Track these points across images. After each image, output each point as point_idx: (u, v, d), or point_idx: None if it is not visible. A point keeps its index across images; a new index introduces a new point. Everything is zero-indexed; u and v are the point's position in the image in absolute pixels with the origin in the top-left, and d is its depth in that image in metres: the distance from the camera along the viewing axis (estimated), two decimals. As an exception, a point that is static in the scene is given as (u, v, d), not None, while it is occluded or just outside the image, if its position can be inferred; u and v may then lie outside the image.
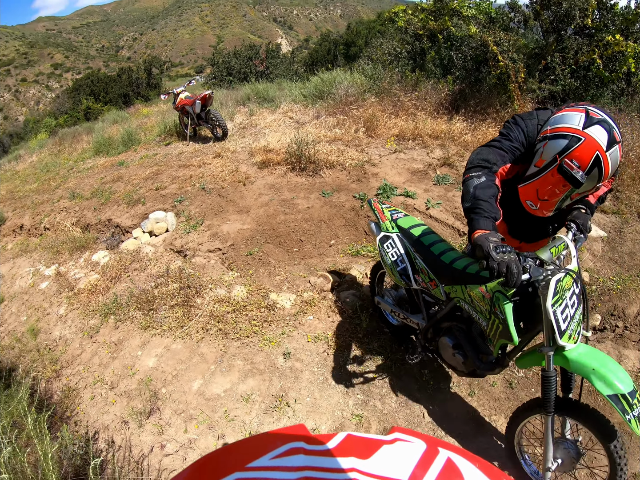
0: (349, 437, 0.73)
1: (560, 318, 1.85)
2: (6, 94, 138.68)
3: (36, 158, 14.62)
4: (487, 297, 2.03)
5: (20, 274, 6.27)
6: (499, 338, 2.05)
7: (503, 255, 1.70)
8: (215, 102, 10.15)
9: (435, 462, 0.66)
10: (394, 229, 2.76)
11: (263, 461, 0.65)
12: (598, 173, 1.75)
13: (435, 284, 2.46)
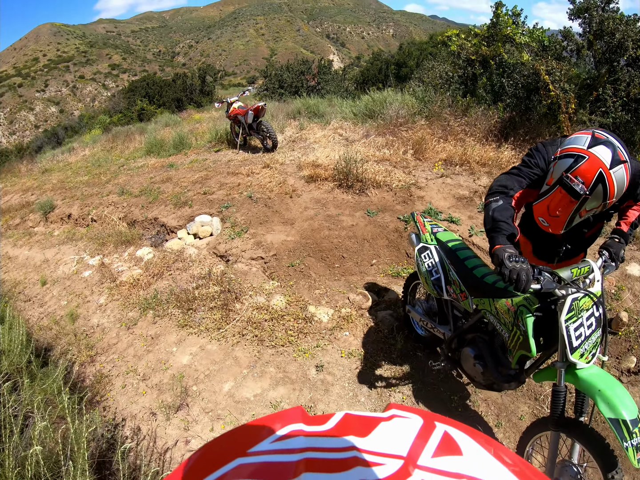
0: (347, 416, 0.75)
1: (572, 334, 1.96)
2: (64, 89, 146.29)
3: (89, 152, 15.36)
4: (512, 310, 2.18)
5: (64, 260, 6.60)
6: (518, 349, 2.17)
7: (515, 264, 1.88)
8: (267, 114, 10.45)
9: (432, 436, 0.68)
10: (432, 241, 2.98)
11: (264, 445, 0.66)
12: (602, 190, 1.86)
13: (465, 295, 2.64)
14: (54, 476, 2.05)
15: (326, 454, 0.64)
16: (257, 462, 0.63)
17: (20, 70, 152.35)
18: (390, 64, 27.45)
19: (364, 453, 0.63)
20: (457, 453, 0.65)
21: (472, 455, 0.65)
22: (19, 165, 18.56)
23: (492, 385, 2.56)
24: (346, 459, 0.63)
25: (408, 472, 0.60)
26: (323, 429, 0.72)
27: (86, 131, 24.90)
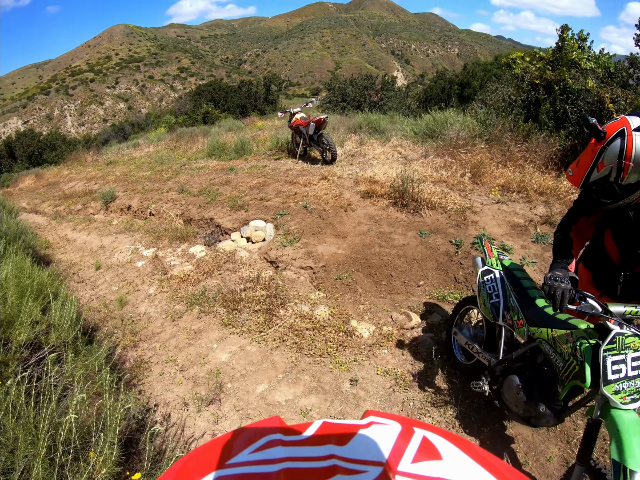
0: (325, 424, 0.76)
1: (609, 367, 1.95)
2: (133, 87, 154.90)
3: (153, 149, 16.18)
4: (571, 341, 2.19)
5: (120, 248, 7.01)
6: (572, 379, 2.15)
7: (554, 282, 2.07)
8: (328, 127, 10.69)
9: (411, 442, 0.69)
10: (498, 266, 3.09)
11: (242, 456, 0.67)
12: (620, 145, 1.94)
13: (522, 323, 2.67)
14: (83, 444, 2.22)
15: (306, 464, 0.65)
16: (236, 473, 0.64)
17: (92, 66, 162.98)
18: (453, 83, 27.32)
19: (343, 461, 0.65)
20: (436, 457, 0.67)
21: (451, 459, 0.67)
22: (85, 155, 19.80)
23: (529, 418, 2.54)
24: (326, 467, 0.64)
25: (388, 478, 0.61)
26: (301, 438, 0.73)
27: (152, 129, 26.22)
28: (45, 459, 1.93)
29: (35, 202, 13.55)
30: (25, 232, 7.27)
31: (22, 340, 3.17)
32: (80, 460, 2.05)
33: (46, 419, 2.05)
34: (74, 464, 2.04)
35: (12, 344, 3.10)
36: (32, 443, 1.97)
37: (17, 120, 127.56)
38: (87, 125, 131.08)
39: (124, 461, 2.45)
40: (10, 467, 1.93)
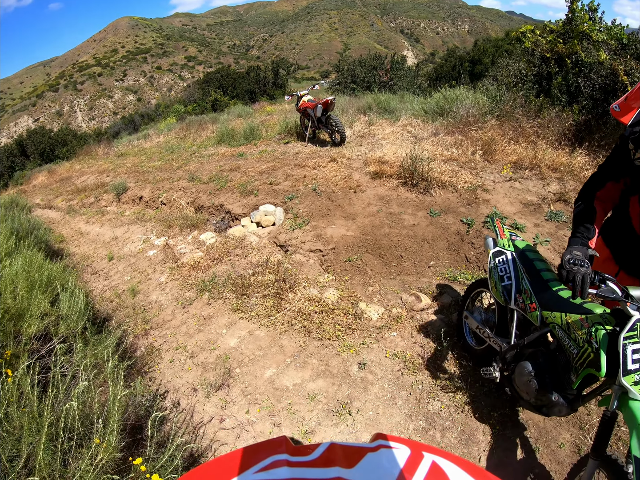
0: (333, 446, 0.75)
1: (629, 356, 1.85)
2: (142, 79, 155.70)
3: (163, 139, 16.25)
4: (586, 326, 2.07)
5: (132, 239, 7.08)
6: (586, 367, 2.05)
7: (573, 266, 1.91)
8: (337, 108, 10.59)
9: (420, 467, 0.68)
10: (510, 247, 2.98)
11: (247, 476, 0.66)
12: None
13: (534, 307, 2.56)
14: (86, 431, 2.26)
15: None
16: None
17: (100, 60, 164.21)
18: (464, 60, 26.89)
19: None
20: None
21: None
22: (96, 149, 20.00)
23: (541, 407, 2.44)
24: None
25: None
26: (308, 459, 0.72)
27: (161, 119, 26.35)
28: (49, 446, 1.97)
29: (48, 197, 13.73)
30: (37, 227, 7.40)
31: (32, 332, 3.23)
32: (83, 447, 2.09)
33: (49, 407, 2.08)
34: (77, 450, 2.08)
35: (23, 336, 3.16)
36: (37, 431, 2.01)
37: (27, 118, 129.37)
38: (98, 119, 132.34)
39: (131, 447, 2.49)
40: (16, 455, 1.97)
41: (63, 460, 2.04)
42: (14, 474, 1.90)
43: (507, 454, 2.82)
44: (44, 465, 1.88)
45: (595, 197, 2.24)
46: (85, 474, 1.91)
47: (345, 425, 3.06)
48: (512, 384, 2.67)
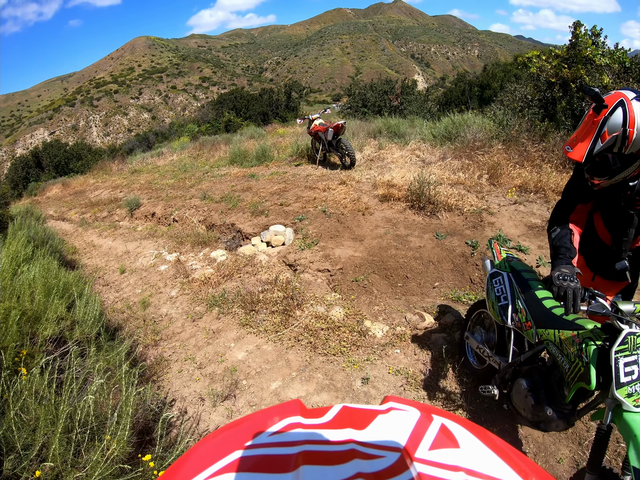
0: (345, 409, 0.78)
1: (621, 369, 1.91)
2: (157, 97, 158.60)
3: (176, 158, 16.58)
4: (577, 341, 2.15)
5: (144, 253, 7.26)
6: (577, 381, 2.12)
7: (563, 281, 2.05)
8: (348, 132, 10.81)
9: (430, 429, 0.71)
10: (506, 268, 3.06)
11: (262, 438, 0.69)
12: (623, 114, 1.95)
13: (530, 325, 2.64)
14: (99, 426, 2.38)
15: (324, 447, 0.67)
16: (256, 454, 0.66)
17: (116, 78, 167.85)
18: (473, 85, 27.25)
19: (361, 446, 0.66)
20: (454, 445, 0.68)
21: (469, 447, 0.68)
22: (110, 164, 20.40)
23: (538, 423, 2.50)
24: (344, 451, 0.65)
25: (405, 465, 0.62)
26: (321, 421, 0.75)
27: (175, 138, 26.81)
28: (63, 437, 2.10)
29: (62, 209, 14.02)
30: (52, 237, 7.60)
31: (48, 334, 3.37)
32: (95, 440, 2.22)
33: (65, 401, 2.21)
34: (89, 443, 2.21)
35: (39, 338, 3.31)
36: (52, 422, 2.14)
37: (43, 131, 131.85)
38: (112, 135, 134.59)
39: (139, 446, 2.61)
40: (30, 444, 2.10)
41: (76, 451, 2.16)
42: (27, 462, 2.03)
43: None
44: (58, 454, 2.01)
45: (569, 220, 2.42)
46: (96, 464, 2.03)
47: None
48: (511, 401, 2.73)
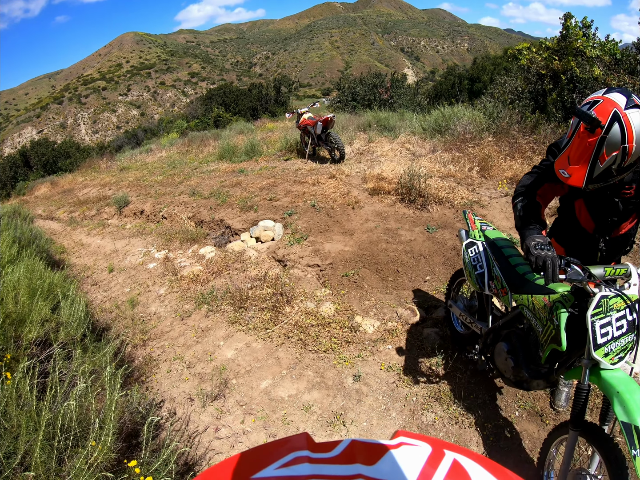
0: (354, 443, 0.74)
1: (598, 331, 2.01)
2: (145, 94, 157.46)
3: (165, 154, 16.42)
4: (548, 305, 2.28)
5: (133, 251, 7.16)
6: (550, 343, 2.25)
7: (541, 251, 2.05)
8: (337, 126, 10.74)
9: (441, 465, 0.68)
10: (480, 237, 3.18)
11: (268, 471, 0.66)
12: (620, 130, 1.85)
13: (505, 291, 2.77)
14: (83, 432, 2.32)
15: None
16: None
17: (104, 74, 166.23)
18: (463, 78, 27.31)
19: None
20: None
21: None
22: (99, 162, 20.19)
23: (521, 383, 2.64)
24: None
25: None
26: (329, 455, 0.72)
27: (164, 134, 26.60)
28: (46, 444, 2.04)
29: (50, 209, 13.85)
30: (39, 237, 7.47)
31: (33, 337, 3.29)
32: (79, 447, 2.15)
33: (47, 406, 2.14)
34: (73, 449, 2.14)
35: (23, 341, 3.23)
36: (34, 429, 2.07)
37: (31, 129, 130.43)
38: (101, 132, 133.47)
39: (126, 452, 2.55)
40: (12, 452, 2.03)
41: (59, 458, 2.10)
42: (9, 470, 1.96)
43: (502, 465, 2.84)
44: (40, 462, 1.94)
45: (536, 194, 2.41)
46: (80, 472, 1.97)
47: (339, 436, 3.11)
48: (494, 364, 2.90)
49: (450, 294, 3.85)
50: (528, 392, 3.27)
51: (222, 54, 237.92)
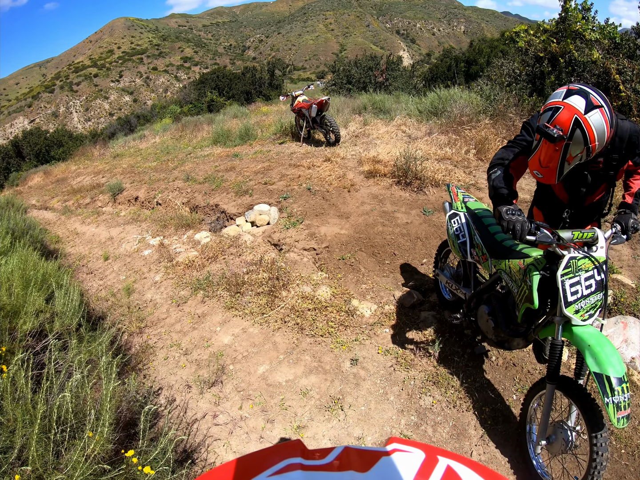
0: (347, 450, 0.75)
1: (568, 289, 2.21)
2: (137, 80, 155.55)
3: (159, 140, 16.26)
4: (523, 268, 2.49)
5: (127, 239, 7.10)
6: (524, 302, 2.47)
7: (512, 216, 2.23)
8: (332, 109, 10.62)
9: (435, 471, 0.68)
10: (462, 208, 3.39)
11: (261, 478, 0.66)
12: (582, 134, 2.05)
13: (486, 258, 2.98)
14: (79, 423, 2.29)
15: None
16: None
17: (95, 61, 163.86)
18: (459, 61, 27.12)
19: None
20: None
21: None
22: (92, 150, 20.00)
23: (502, 342, 2.86)
24: None
25: None
26: (322, 463, 0.72)
27: (157, 120, 26.33)
28: (42, 438, 2.01)
29: (44, 198, 13.73)
30: (33, 227, 7.42)
31: (28, 329, 3.26)
32: (76, 439, 2.12)
33: (42, 399, 2.11)
34: (69, 442, 2.11)
35: (18, 333, 3.19)
36: (30, 423, 2.04)
37: (23, 119, 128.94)
38: (94, 120, 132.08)
39: (124, 441, 2.52)
40: (9, 446, 2.00)
41: (56, 451, 2.07)
42: (7, 465, 1.93)
43: (499, 449, 2.85)
44: (37, 456, 1.92)
45: (510, 166, 2.56)
46: (77, 464, 1.94)
47: (337, 420, 3.10)
48: (478, 326, 3.10)
49: (437, 264, 4.04)
50: (525, 377, 3.30)
51: (215, 37, 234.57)
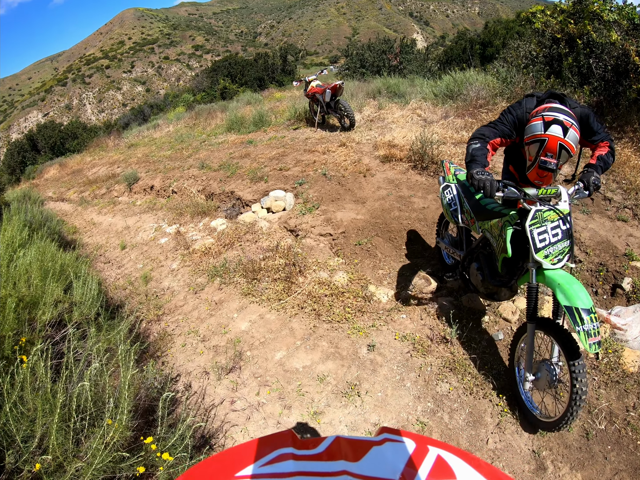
0: (338, 440, 0.76)
1: (536, 237, 2.57)
2: (150, 70, 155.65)
3: (172, 129, 16.27)
4: (499, 225, 2.91)
5: (144, 227, 7.16)
6: (500, 252, 2.89)
7: (482, 176, 2.60)
8: (346, 93, 10.50)
9: (425, 460, 0.69)
10: (453, 180, 3.82)
11: (252, 469, 0.67)
12: (567, 152, 2.49)
13: (474, 221, 3.38)
14: (98, 411, 2.31)
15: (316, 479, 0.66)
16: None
17: (107, 53, 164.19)
18: (475, 43, 26.60)
19: (355, 478, 0.65)
20: (450, 477, 0.67)
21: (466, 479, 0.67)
22: (106, 141, 20.12)
23: (492, 294, 3.26)
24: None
25: None
26: (313, 452, 0.73)
27: (171, 109, 26.35)
28: (62, 426, 2.03)
29: (60, 190, 13.90)
30: (50, 219, 7.51)
31: (47, 319, 3.30)
32: (95, 427, 2.14)
33: (61, 388, 2.13)
34: (89, 430, 2.13)
35: (37, 324, 3.23)
36: (50, 412, 2.06)
37: (37, 113, 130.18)
38: (107, 111, 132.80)
39: (143, 428, 2.54)
40: (30, 435, 2.03)
41: (76, 439, 2.09)
42: (28, 454, 1.96)
43: (514, 437, 2.83)
44: (57, 444, 1.94)
45: (489, 142, 2.90)
46: (96, 452, 1.96)
47: (354, 406, 3.09)
48: (471, 282, 3.48)
49: (440, 234, 4.42)
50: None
51: (226, 25, 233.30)
